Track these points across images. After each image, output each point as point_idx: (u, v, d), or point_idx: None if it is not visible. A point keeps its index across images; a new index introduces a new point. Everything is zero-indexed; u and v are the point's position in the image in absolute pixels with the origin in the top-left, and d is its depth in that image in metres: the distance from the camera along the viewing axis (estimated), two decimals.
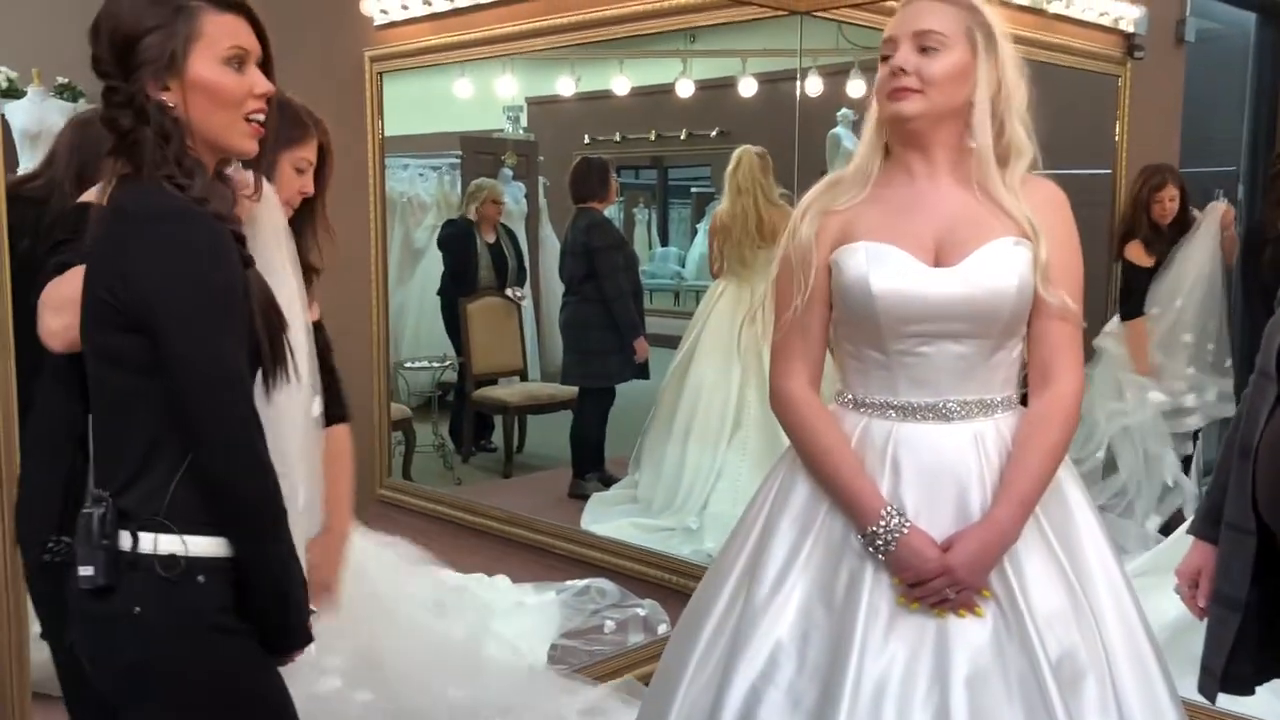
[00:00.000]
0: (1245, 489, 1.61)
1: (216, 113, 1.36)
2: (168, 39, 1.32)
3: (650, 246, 7.70)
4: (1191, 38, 4.66)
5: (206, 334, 1.28)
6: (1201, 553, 1.76)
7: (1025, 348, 1.57)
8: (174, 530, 1.31)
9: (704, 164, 6.93)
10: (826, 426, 1.57)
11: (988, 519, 1.48)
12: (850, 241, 1.56)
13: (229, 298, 1.31)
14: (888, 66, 1.52)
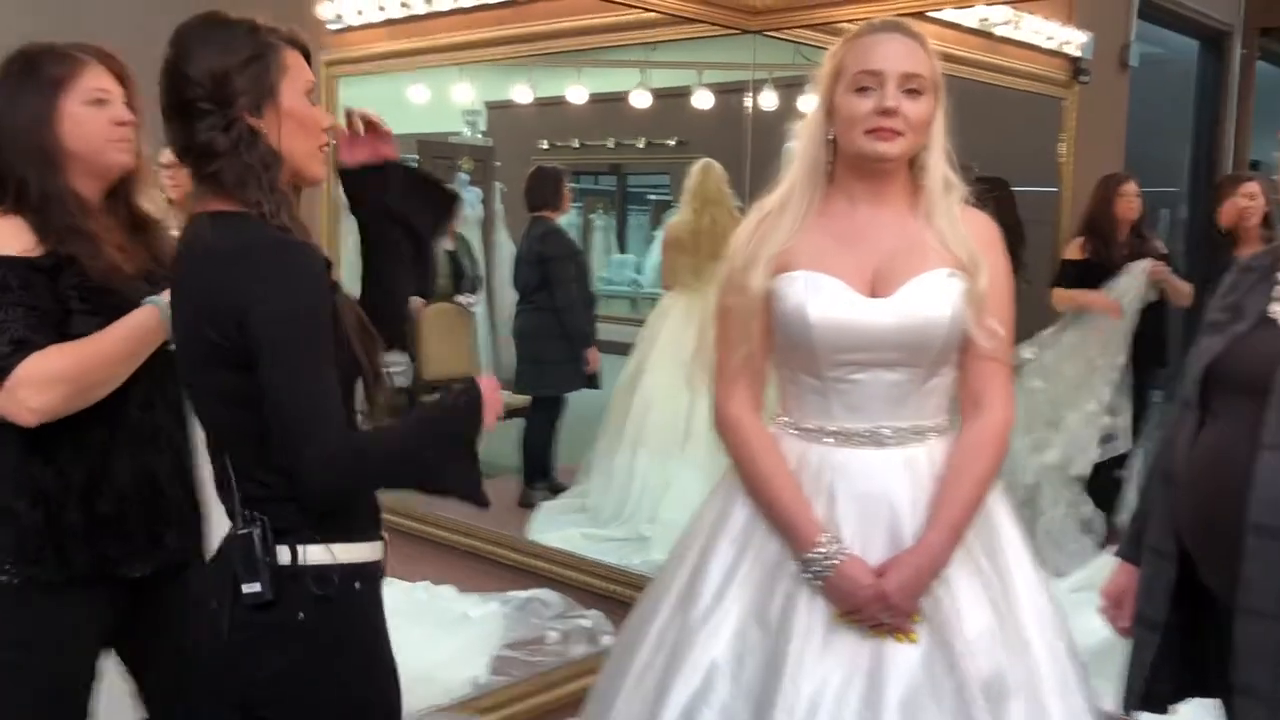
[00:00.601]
0: (1166, 514, 1.66)
1: (304, 141, 1.42)
2: (265, 69, 1.38)
3: (608, 253, 7.70)
4: (1136, 63, 4.77)
5: (309, 365, 1.32)
6: (1126, 574, 1.81)
7: (957, 375, 1.61)
8: (321, 541, 1.38)
9: (663, 172, 6.95)
10: (767, 451, 1.60)
11: (921, 545, 1.52)
12: (790, 270, 1.59)
13: (329, 324, 1.35)
14: (873, 103, 1.53)
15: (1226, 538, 1.54)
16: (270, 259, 1.34)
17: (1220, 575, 1.58)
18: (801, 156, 1.62)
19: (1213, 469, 1.59)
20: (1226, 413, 1.59)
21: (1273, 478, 1.49)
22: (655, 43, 3.86)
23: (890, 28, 1.57)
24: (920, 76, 1.54)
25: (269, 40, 1.40)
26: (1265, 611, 1.50)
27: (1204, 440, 1.62)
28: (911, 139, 1.55)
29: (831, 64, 1.59)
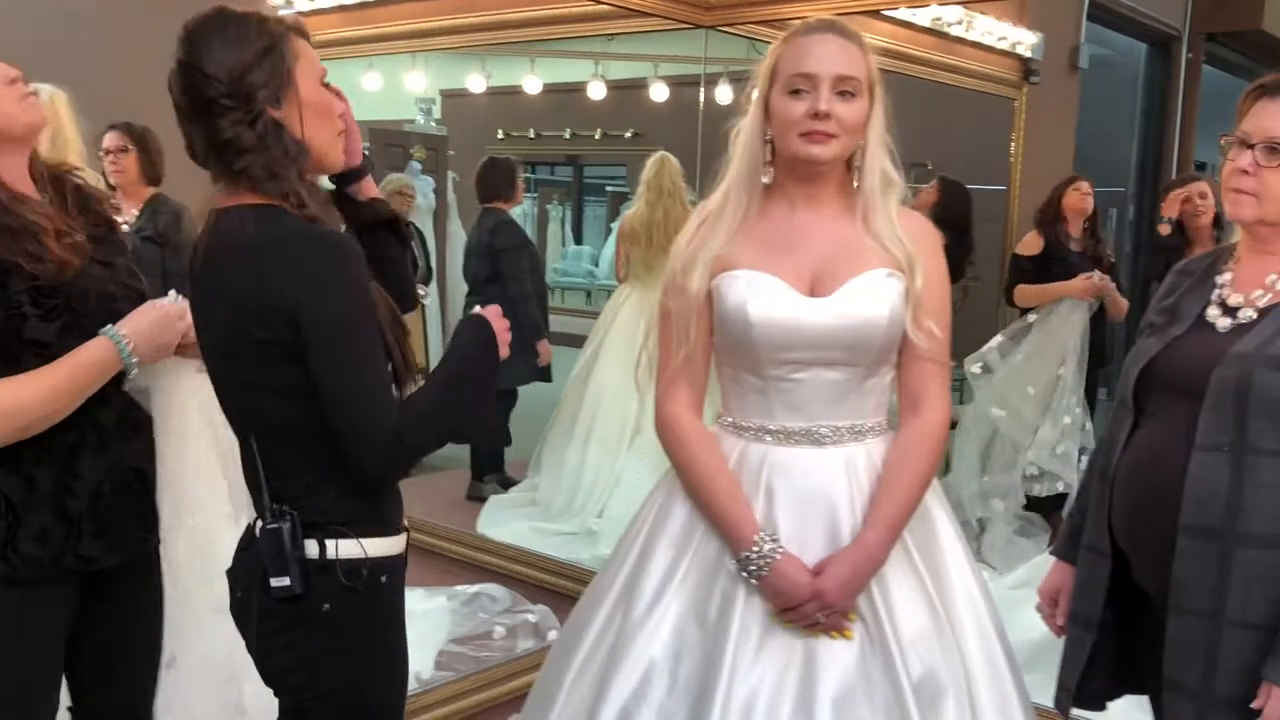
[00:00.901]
0: (1102, 513, 1.69)
1: (324, 129, 1.43)
2: (280, 61, 1.38)
3: (564, 244, 7.69)
4: (1085, 64, 4.83)
5: (357, 353, 1.36)
6: (1062, 573, 1.83)
7: (897, 376, 1.62)
8: (352, 535, 1.41)
9: (620, 164, 6.94)
10: (705, 450, 1.61)
11: (857, 543, 1.53)
12: (731, 269, 1.59)
13: (371, 312, 1.39)
14: (806, 106, 1.53)
15: (1159, 537, 1.57)
16: (315, 253, 1.36)
17: (1153, 574, 1.61)
18: (740, 157, 1.62)
19: (1146, 469, 1.61)
20: (1161, 414, 1.62)
21: (1204, 478, 1.52)
22: (611, 35, 3.84)
23: (825, 28, 1.57)
24: (854, 79, 1.54)
25: (279, 30, 1.40)
26: (1195, 610, 1.53)
27: (1138, 441, 1.64)
28: (845, 141, 1.55)
29: (768, 64, 1.59)
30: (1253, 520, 1.49)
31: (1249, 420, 1.50)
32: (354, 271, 1.37)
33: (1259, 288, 1.60)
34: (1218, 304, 1.63)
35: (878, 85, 1.58)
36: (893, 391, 1.63)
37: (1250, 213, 1.58)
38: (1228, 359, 1.53)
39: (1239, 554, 1.50)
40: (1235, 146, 1.59)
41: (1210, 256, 1.72)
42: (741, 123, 1.63)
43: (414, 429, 1.39)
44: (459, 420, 1.46)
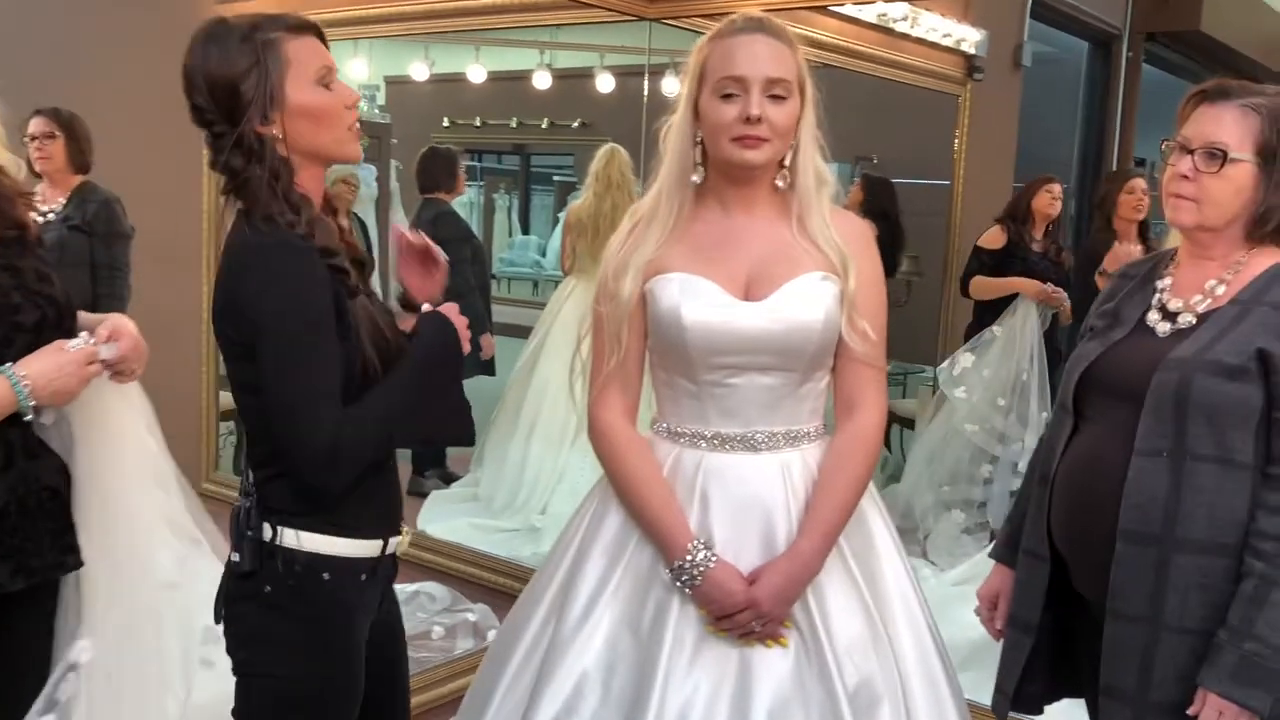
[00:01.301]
0: (1041, 516, 1.68)
1: (322, 132, 1.44)
2: (264, 76, 1.39)
3: (511, 234, 7.61)
4: (1028, 62, 4.86)
5: (295, 360, 1.38)
6: (1001, 576, 1.83)
7: (832, 380, 1.60)
8: (296, 526, 1.44)
9: (567, 153, 6.88)
10: (638, 457, 1.58)
11: (792, 551, 1.50)
12: (664, 272, 1.56)
13: (321, 325, 1.39)
14: (737, 110, 1.49)
15: (1097, 542, 1.57)
16: (269, 259, 1.39)
17: (1091, 579, 1.61)
18: (670, 159, 1.58)
19: (1085, 474, 1.61)
20: (1100, 418, 1.61)
21: (1142, 484, 1.52)
22: (561, 24, 3.80)
23: (753, 27, 1.53)
24: (785, 80, 1.51)
25: (267, 39, 1.40)
26: (1132, 615, 1.53)
27: (1077, 445, 1.64)
28: (778, 145, 1.53)
29: (695, 63, 1.55)
30: (1191, 526, 1.49)
31: (1187, 425, 1.50)
32: (306, 281, 1.39)
33: (1198, 293, 1.60)
34: (1158, 308, 1.63)
35: (808, 83, 1.55)
36: (829, 396, 1.62)
37: (1190, 218, 1.58)
38: (1167, 364, 1.53)
39: (1176, 559, 1.50)
40: (1176, 152, 1.59)
41: (1151, 260, 1.72)
42: (670, 121, 1.59)
43: (354, 442, 1.40)
44: (418, 426, 1.48)
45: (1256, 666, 1.44)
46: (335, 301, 1.41)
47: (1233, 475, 1.50)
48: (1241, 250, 1.59)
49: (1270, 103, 1.54)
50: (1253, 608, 1.46)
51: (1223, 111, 1.55)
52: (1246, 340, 1.50)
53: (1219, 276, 1.59)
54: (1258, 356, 1.49)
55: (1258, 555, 1.47)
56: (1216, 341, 1.52)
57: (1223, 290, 1.58)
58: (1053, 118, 5.76)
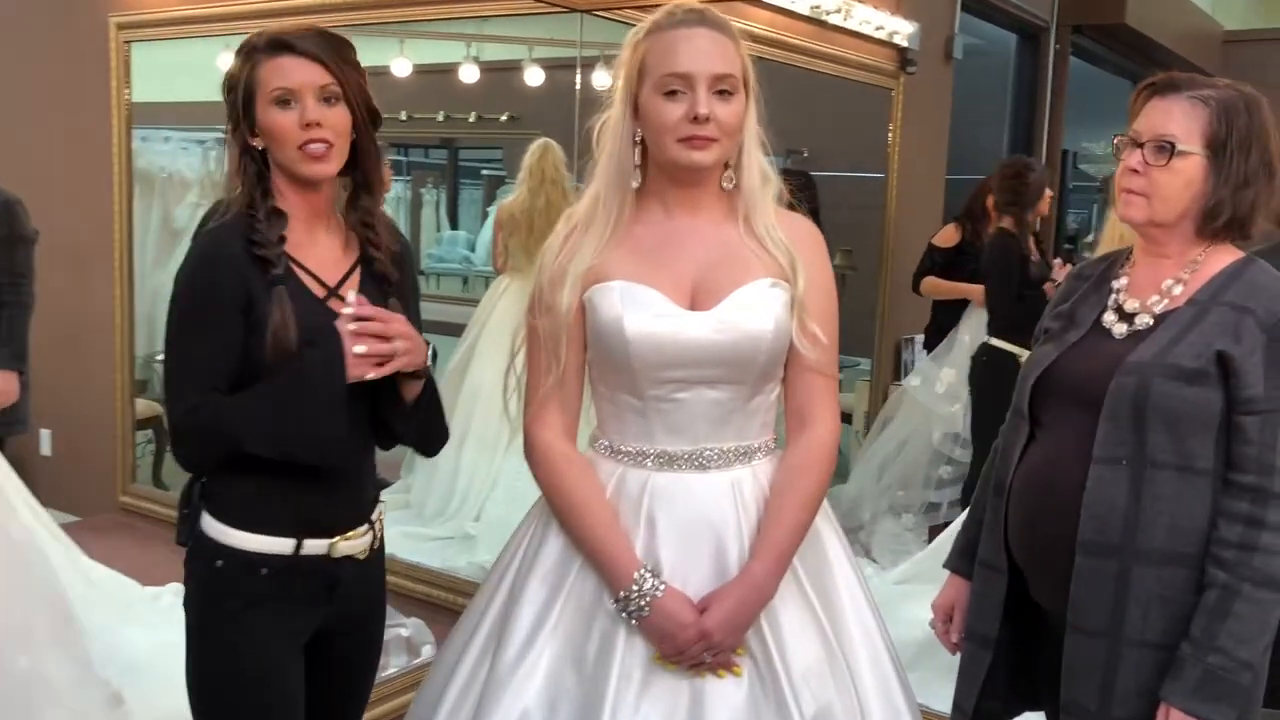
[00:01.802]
0: (998, 527, 1.63)
1: (277, 149, 1.50)
2: (239, 92, 1.50)
3: (439, 229, 7.45)
4: (959, 54, 4.86)
5: (176, 336, 1.48)
6: (956, 588, 1.77)
7: (782, 391, 1.52)
8: (206, 510, 1.53)
9: (496, 147, 6.75)
10: (580, 480, 1.48)
11: (745, 575, 1.42)
12: (604, 280, 1.46)
13: (201, 309, 1.46)
14: (683, 109, 1.40)
15: (1056, 553, 1.51)
16: (191, 247, 1.51)
17: (1050, 591, 1.55)
18: (608, 160, 1.48)
19: (1042, 483, 1.55)
20: (1057, 425, 1.56)
21: (1101, 493, 1.47)
22: (490, 16, 3.69)
23: (695, 20, 1.44)
24: (731, 76, 1.42)
25: (253, 59, 1.49)
26: (1093, 629, 1.48)
27: (1034, 453, 1.59)
28: (726, 144, 1.44)
29: (633, 57, 1.46)
30: (1151, 536, 1.45)
31: (1147, 433, 1.45)
32: (209, 264, 1.47)
33: (1154, 293, 1.55)
34: (1114, 309, 1.58)
35: (752, 79, 1.47)
36: (779, 408, 1.54)
37: (1141, 214, 1.53)
38: (1125, 368, 1.48)
39: (1137, 571, 1.45)
40: (1126, 146, 1.54)
41: (1106, 260, 1.67)
42: (605, 119, 1.50)
43: (199, 429, 1.47)
44: (273, 439, 1.46)
45: (1221, 680, 1.40)
46: (248, 293, 1.45)
47: (1192, 483, 1.45)
48: (1196, 247, 1.54)
49: (1220, 95, 1.50)
50: (1215, 619, 1.42)
51: (1171, 104, 1.51)
52: (1205, 342, 1.46)
53: (1175, 276, 1.54)
54: (1216, 359, 1.44)
55: (1219, 565, 1.43)
56: (1175, 344, 1.48)
57: (1179, 290, 1.54)
58: (982, 110, 5.79)
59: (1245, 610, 1.41)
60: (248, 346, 1.46)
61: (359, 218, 1.59)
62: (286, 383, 1.45)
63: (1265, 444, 1.43)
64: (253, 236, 1.47)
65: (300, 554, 1.53)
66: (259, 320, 1.45)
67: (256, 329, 1.45)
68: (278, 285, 1.47)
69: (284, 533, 1.52)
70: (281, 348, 1.46)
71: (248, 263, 1.46)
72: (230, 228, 1.48)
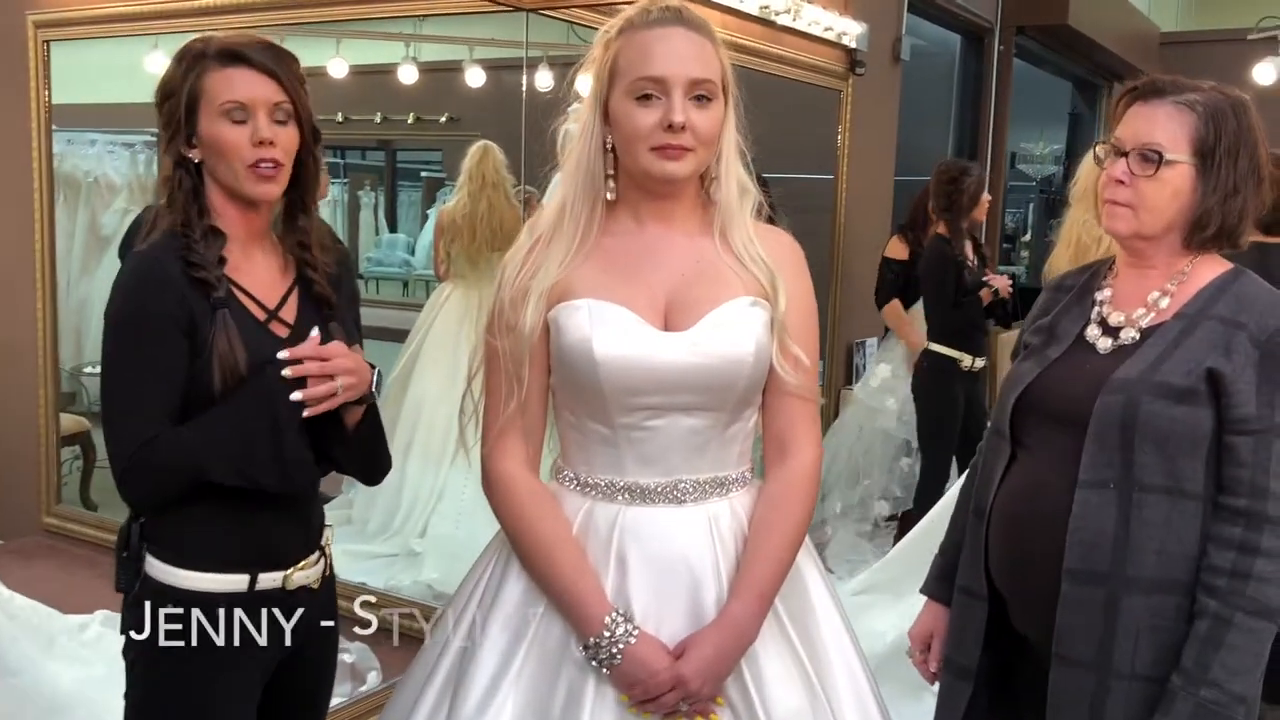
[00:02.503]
0: (978, 553, 1.55)
1: (222, 165, 1.42)
2: (179, 103, 1.42)
3: (377, 232, 7.30)
4: (907, 56, 4.84)
5: (115, 366, 1.40)
6: (933, 614, 1.70)
7: (761, 417, 1.43)
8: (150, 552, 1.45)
9: (435, 148, 6.63)
10: (545, 515, 1.37)
11: (724, 618, 1.32)
12: (571, 298, 1.35)
13: (144, 336, 1.38)
14: (658, 115, 1.30)
15: (1040, 580, 1.44)
16: (125, 269, 1.42)
17: (1034, 620, 1.49)
18: (576, 167, 1.37)
19: (1026, 507, 1.48)
20: (1040, 446, 1.49)
21: (1088, 518, 1.40)
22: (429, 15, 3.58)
23: (671, 20, 1.34)
24: (709, 82, 1.33)
25: (199, 66, 1.41)
26: (1080, 660, 1.41)
27: (1016, 475, 1.52)
28: (703, 154, 1.34)
29: (605, 57, 1.35)
30: (1141, 563, 1.38)
31: (1135, 454, 1.38)
32: (147, 288, 1.39)
33: (1140, 306, 1.48)
34: (1097, 322, 1.51)
35: (731, 84, 1.37)
36: (758, 435, 1.44)
37: (1126, 226, 1.46)
38: (1111, 385, 1.41)
39: (1126, 600, 1.38)
40: (1110, 155, 1.47)
41: (1087, 271, 1.60)
42: (570, 125, 1.39)
43: (152, 463, 1.37)
44: (236, 466, 1.39)
45: (1213, 715, 1.34)
46: (191, 320, 1.38)
47: (1182, 506, 1.39)
48: (1183, 258, 1.48)
49: (1206, 99, 1.43)
50: (1207, 650, 1.35)
51: (1155, 110, 1.44)
52: (1195, 359, 1.39)
53: (1161, 288, 1.48)
54: (1207, 376, 1.38)
55: (1210, 592, 1.37)
56: (1163, 360, 1.41)
57: (1166, 303, 1.47)
58: (928, 111, 5.79)
59: (1238, 641, 1.34)
60: (190, 372, 1.39)
61: (296, 239, 1.52)
62: (247, 405, 1.39)
63: (1258, 466, 1.37)
64: (190, 257, 1.40)
65: (255, 589, 1.46)
66: (202, 345, 1.39)
67: (199, 354, 1.39)
68: (220, 309, 1.41)
69: (237, 568, 1.45)
70: (231, 374, 1.39)
71: (187, 284, 1.39)
72: (165, 247, 1.40)
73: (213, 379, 1.38)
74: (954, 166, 3.94)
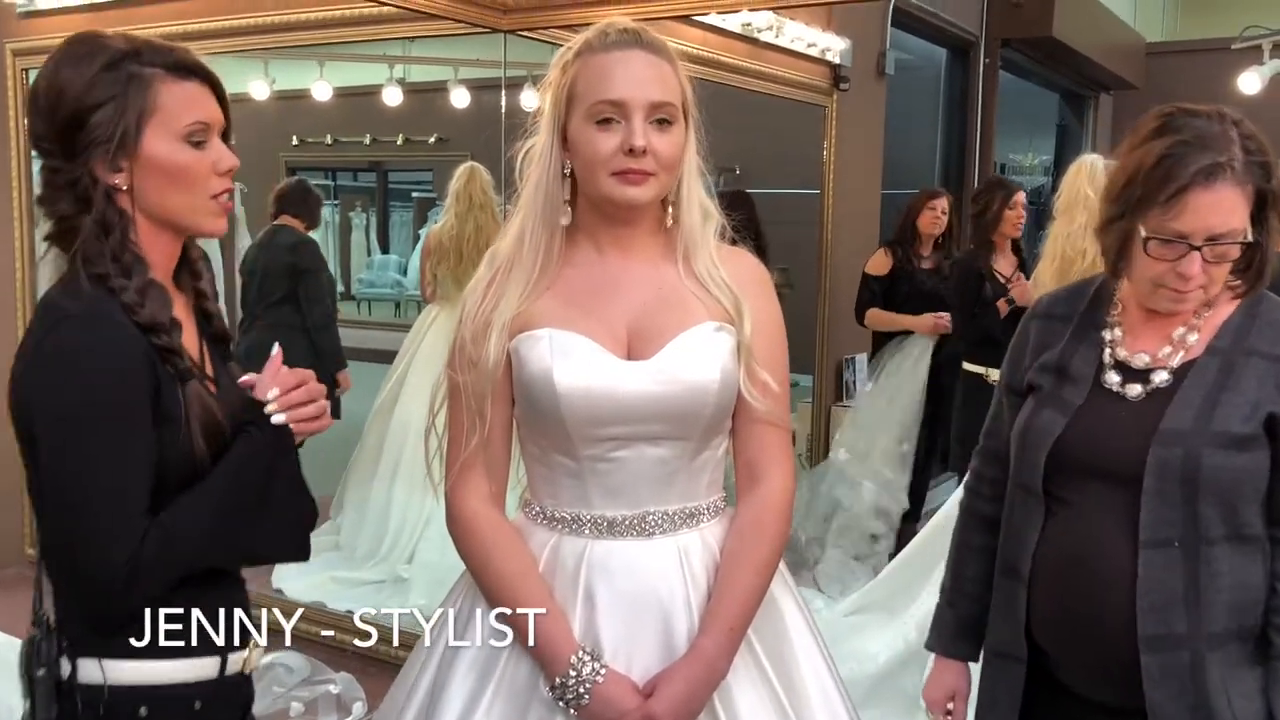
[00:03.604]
0: (1016, 613, 1.44)
1: (176, 195, 1.23)
2: (120, 114, 1.18)
3: (369, 254, 7.30)
4: (892, 70, 4.83)
5: (83, 457, 1.13)
6: (954, 674, 1.59)
7: (731, 443, 1.40)
8: (95, 654, 1.19)
9: (425, 169, 6.63)
10: (510, 553, 1.34)
11: (694, 653, 1.29)
12: (532, 328, 1.33)
13: (120, 412, 1.15)
14: (618, 140, 1.27)
15: (1094, 638, 1.37)
16: (62, 330, 1.16)
17: (1085, 674, 1.41)
18: (533, 194, 1.35)
19: (1074, 565, 1.38)
20: (1084, 501, 1.39)
21: (1157, 581, 1.32)
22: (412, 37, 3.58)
23: (630, 41, 1.31)
24: (669, 105, 1.30)
25: (139, 72, 1.19)
26: None
27: (1059, 533, 1.41)
28: (664, 179, 1.32)
29: (562, 81, 1.33)
30: (1215, 618, 1.32)
31: (1199, 507, 1.31)
32: (107, 360, 1.15)
33: (1165, 344, 1.39)
34: (1113, 365, 1.41)
35: (693, 106, 1.35)
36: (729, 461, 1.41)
37: (1194, 306, 1.37)
38: (1164, 437, 1.32)
39: (1209, 657, 1.31)
40: (1163, 245, 1.31)
41: (1078, 297, 1.50)
42: (530, 146, 1.36)
43: (158, 560, 1.16)
44: (245, 541, 1.23)
45: None
46: (155, 386, 1.18)
47: (1245, 551, 1.33)
48: None
49: (1245, 158, 1.30)
50: None
51: (1219, 196, 1.29)
52: (1249, 401, 1.32)
53: (1187, 323, 1.39)
54: (1266, 421, 1.31)
55: None
56: (1213, 405, 1.32)
57: (1195, 338, 1.38)
58: (914, 124, 5.79)
59: None
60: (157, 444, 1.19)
61: (189, 269, 1.33)
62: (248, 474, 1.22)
63: None
64: (140, 318, 1.19)
65: (225, 674, 1.27)
66: (169, 418, 1.19)
67: (168, 427, 1.19)
68: (190, 380, 1.22)
69: (206, 650, 1.25)
70: (215, 439, 1.22)
71: (146, 351, 1.19)
72: (107, 301, 1.18)
73: (190, 447, 1.20)
74: (987, 181, 4.04)
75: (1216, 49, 6.23)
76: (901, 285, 4.17)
